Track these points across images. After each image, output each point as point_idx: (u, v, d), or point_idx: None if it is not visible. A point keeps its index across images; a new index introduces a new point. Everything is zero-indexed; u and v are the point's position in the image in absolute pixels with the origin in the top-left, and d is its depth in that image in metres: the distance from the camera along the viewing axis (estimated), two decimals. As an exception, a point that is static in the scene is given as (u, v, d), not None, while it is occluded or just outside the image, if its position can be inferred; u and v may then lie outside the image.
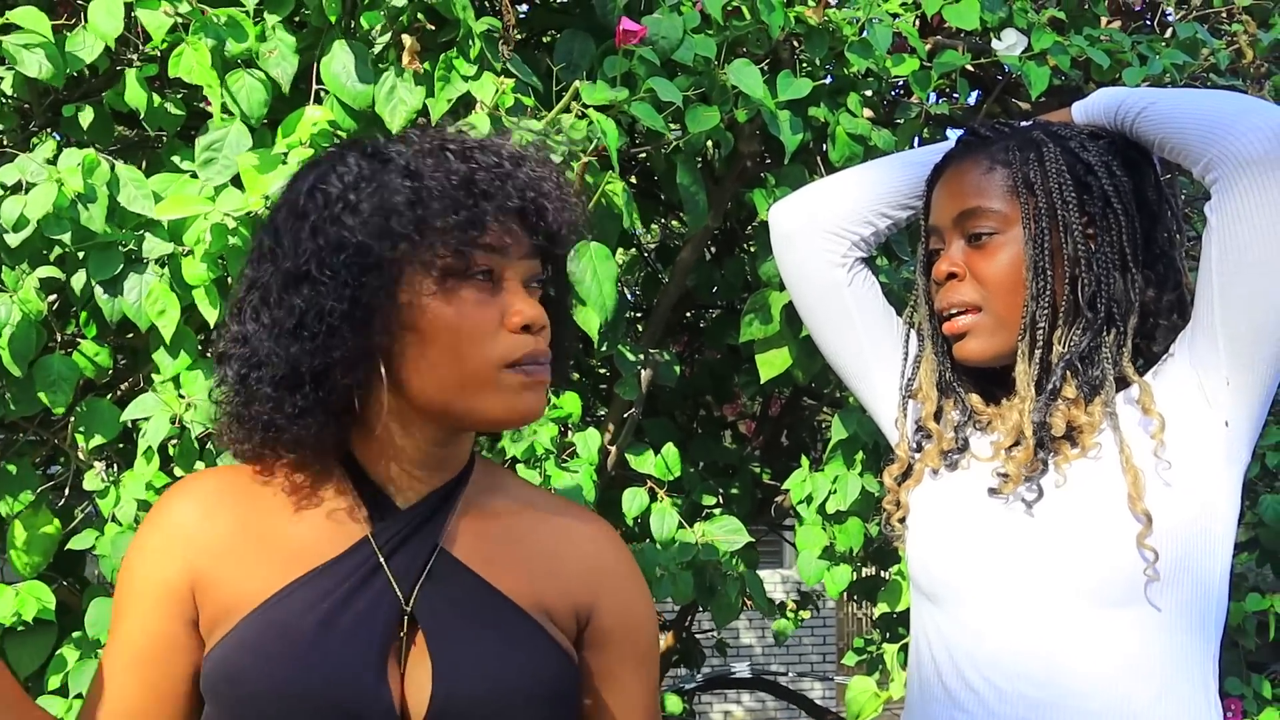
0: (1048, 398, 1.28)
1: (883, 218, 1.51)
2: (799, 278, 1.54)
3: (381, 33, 1.77)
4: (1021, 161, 1.32)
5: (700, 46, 1.83)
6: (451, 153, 1.04)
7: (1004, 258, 1.31)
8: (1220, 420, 1.23)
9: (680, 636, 3.10)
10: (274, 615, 1.01)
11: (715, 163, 2.23)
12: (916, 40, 2.04)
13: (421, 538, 1.06)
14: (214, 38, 1.68)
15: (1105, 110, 1.34)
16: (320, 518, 1.06)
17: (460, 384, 1.02)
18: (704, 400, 2.84)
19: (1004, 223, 1.32)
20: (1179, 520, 1.21)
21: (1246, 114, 1.21)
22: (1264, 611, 2.57)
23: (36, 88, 1.85)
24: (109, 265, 1.67)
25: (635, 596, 1.14)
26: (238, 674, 0.99)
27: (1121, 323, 1.29)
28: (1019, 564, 1.25)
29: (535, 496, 1.17)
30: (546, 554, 1.11)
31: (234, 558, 1.04)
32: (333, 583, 1.02)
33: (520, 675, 1.03)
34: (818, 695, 9.47)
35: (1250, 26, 2.29)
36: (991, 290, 1.31)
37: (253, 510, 1.06)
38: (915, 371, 1.44)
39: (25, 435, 1.89)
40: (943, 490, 1.35)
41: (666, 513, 2.00)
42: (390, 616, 1.01)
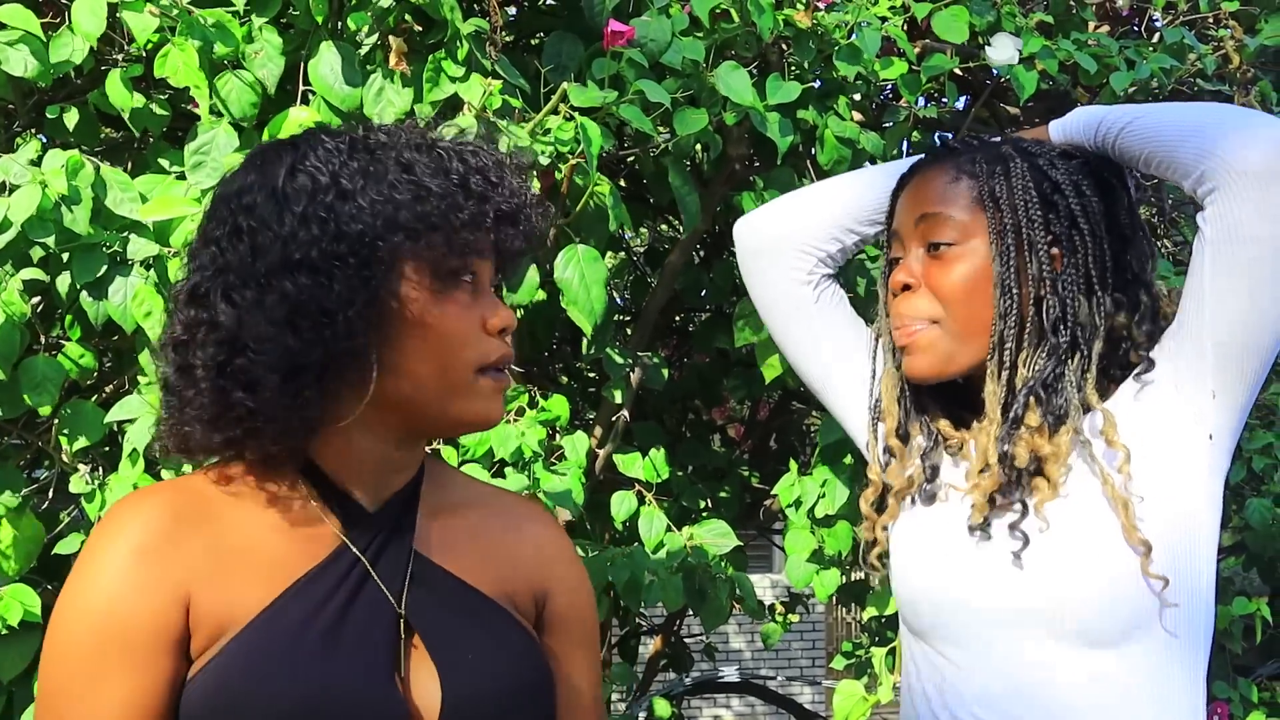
0: (1010, 426, 1.25)
1: (850, 234, 1.48)
2: (765, 295, 1.51)
3: (369, 34, 1.76)
4: (988, 174, 1.28)
5: (689, 49, 1.83)
6: (443, 151, 1.02)
7: (961, 270, 1.27)
8: (1204, 434, 1.21)
9: (669, 641, 3.09)
10: (270, 633, 0.96)
11: (703, 166, 2.23)
12: (905, 44, 2.04)
13: (396, 542, 1.04)
14: (200, 39, 1.67)
15: (1084, 128, 1.30)
16: (288, 524, 1.02)
17: (439, 386, 1.01)
18: (692, 404, 2.84)
19: (964, 234, 1.28)
20: (1166, 547, 1.19)
21: (1240, 124, 1.19)
22: (1250, 615, 2.58)
23: (21, 88, 1.84)
24: (93, 267, 1.66)
25: (581, 579, 1.17)
26: (241, 696, 0.94)
27: (1086, 348, 1.25)
28: (1010, 607, 1.22)
29: (479, 489, 1.18)
30: (503, 545, 1.11)
31: (215, 573, 0.98)
32: (324, 593, 0.99)
33: (514, 669, 1.04)
34: (807, 699, 9.46)
35: (1237, 32, 2.30)
36: (948, 303, 1.27)
37: (216, 521, 1.00)
38: (879, 388, 1.40)
39: (9, 438, 1.88)
40: (924, 524, 1.31)
41: (655, 516, 2.00)
42: (388, 623, 1.00)
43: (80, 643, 0.95)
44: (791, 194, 1.55)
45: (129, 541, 0.97)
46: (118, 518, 0.98)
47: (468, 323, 1.02)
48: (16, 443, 1.89)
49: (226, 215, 1.00)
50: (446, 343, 1.01)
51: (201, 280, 0.99)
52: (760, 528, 2.84)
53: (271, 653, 0.95)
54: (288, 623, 0.96)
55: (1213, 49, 2.29)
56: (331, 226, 0.97)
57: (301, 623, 0.97)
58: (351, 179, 0.98)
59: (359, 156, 1.00)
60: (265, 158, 1.02)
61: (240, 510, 1.01)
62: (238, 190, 1.01)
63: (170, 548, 0.97)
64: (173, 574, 0.96)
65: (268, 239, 0.97)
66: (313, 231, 0.97)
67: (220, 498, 1.02)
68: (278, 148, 1.03)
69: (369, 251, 0.97)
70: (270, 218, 0.98)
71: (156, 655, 0.95)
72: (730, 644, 9.13)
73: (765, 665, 9.57)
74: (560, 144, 1.73)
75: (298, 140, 1.03)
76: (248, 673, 0.94)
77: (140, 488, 1.08)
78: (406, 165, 1.00)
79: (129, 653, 0.94)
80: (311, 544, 1.01)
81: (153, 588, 0.95)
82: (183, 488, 1.02)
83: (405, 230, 0.98)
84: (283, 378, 0.96)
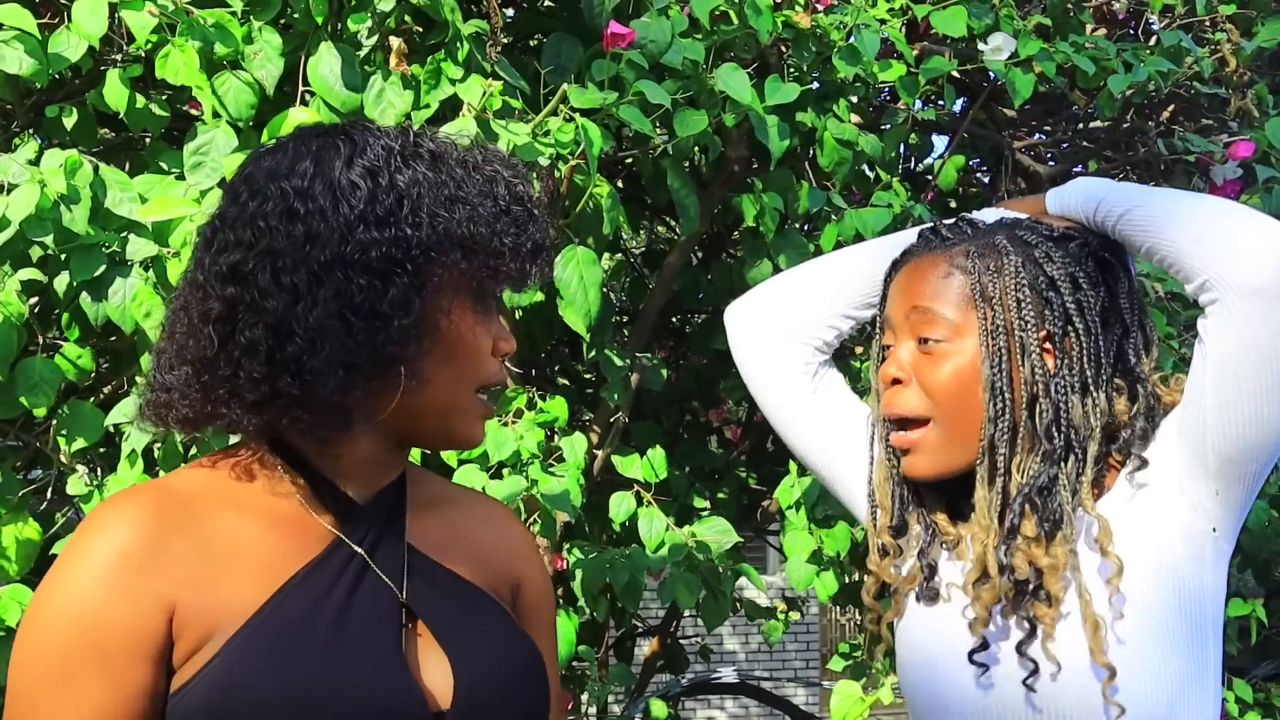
0: (1007, 535, 1.21)
1: (845, 320, 1.44)
2: (761, 386, 1.46)
3: (368, 35, 1.76)
4: (980, 270, 1.24)
5: (689, 50, 1.83)
6: (489, 174, 1.04)
7: (951, 367, 1.24)
8: (1209, 527, 1.19)
9: (665, 642, 3.09)
10: (272, 628, 0.94)
11: (702, 167, 2.23)
12: (904, 46, 2.05)
13: (389, 534, 1.04)
14: (200, 39, 1.67)
15: (1082, 206, 1.27)
16: (277, 522, 1.00)
17: (448, 400, 1.03)
18: (690, 405, 2.83)
19: (955, 332, 1.24)
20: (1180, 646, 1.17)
21: (1243, 236, 1.14)
22: (1246, 616, 2.58)
23: (19, 88, 1.83)
24: (92, 267, 1.66)
25: (543, 570, 1.21)
26: (249, 693, 0.91)
27: (1081, 450, 1.21)
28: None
29: (448, 488, 1.19)
30: (480, 539, 1.13)
31: (202, 575, 0.95)
32: (324, 585, 0.98)
33: (514, 652, 1.06)
34: (801, 701, 9.47)
35: (1234, 35, 2.30)
36: (938, 401, 1.24)
37: (203, 521, 0.97)
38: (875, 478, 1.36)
39: (6, 439, 1.87)
40: (928, 629, 1.28)
41: (654, 516, 2.00)
42: (393, 612, 1.00)
43: (55, 647, 0.91)
44: (781, 281, 1.49)
45: (112, 545, 0.93)
46: (101, 520, 0.95)
47: (485, 343, 1.05)
48: (13, 444, 1.88)
49: (275, 195, 0.97)
50: (467, 360, 1.03)
51: (245, 258, 0.96)
52: (757, 529, 2.84)
53: (277, 647, 0.93)
54: (290, 617, 0.95)
55: (1209, 52, 2.29)
56: (390, 232, 0.96)
57: (305, 616, 0.96)
58: (409, 187, 0.98)
59: (415, 165, 1.00)
60: (320, 144, 1.00)
61: (228, 510, 0.99)
62: (289, 171, 0.98)
63: (155, 553, 0.94)
64: (157, 581, 0.93)
65: (323, 229, 0.95)
66: (372, 233, 0.96)
67: (206, 497, 0.99)
68: (331, 135, 1.01)
69: (424, 262, 0.98)
70: (328, 208, 0.96)
71: (134, 664, 0.92)
72: (725, 645, 9.13)
73: (759, 666, 9.57)
74: (560, 145, 1.73)
75: (351, 132, 1.01)
76: (253, 669, 0.92)
77: (123, 489, 1.05)
78: (460, 182, 1.01)
79: (104, 660, 0.91)
80: (303, 540, 1.00)
81: (135, 594, 0.92)
82: (168, 488, 1.00)
83: (461, 248, 0.99)
84: (342, 372, 0.96)
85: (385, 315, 0.96)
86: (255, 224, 0.97)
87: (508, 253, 1.02)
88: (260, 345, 0.95)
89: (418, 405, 1.02)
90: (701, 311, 2.75)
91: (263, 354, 0.95)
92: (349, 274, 0.95)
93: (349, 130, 1.01)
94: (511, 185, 1.04)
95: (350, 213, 0.96)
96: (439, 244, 0.98)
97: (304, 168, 0.98)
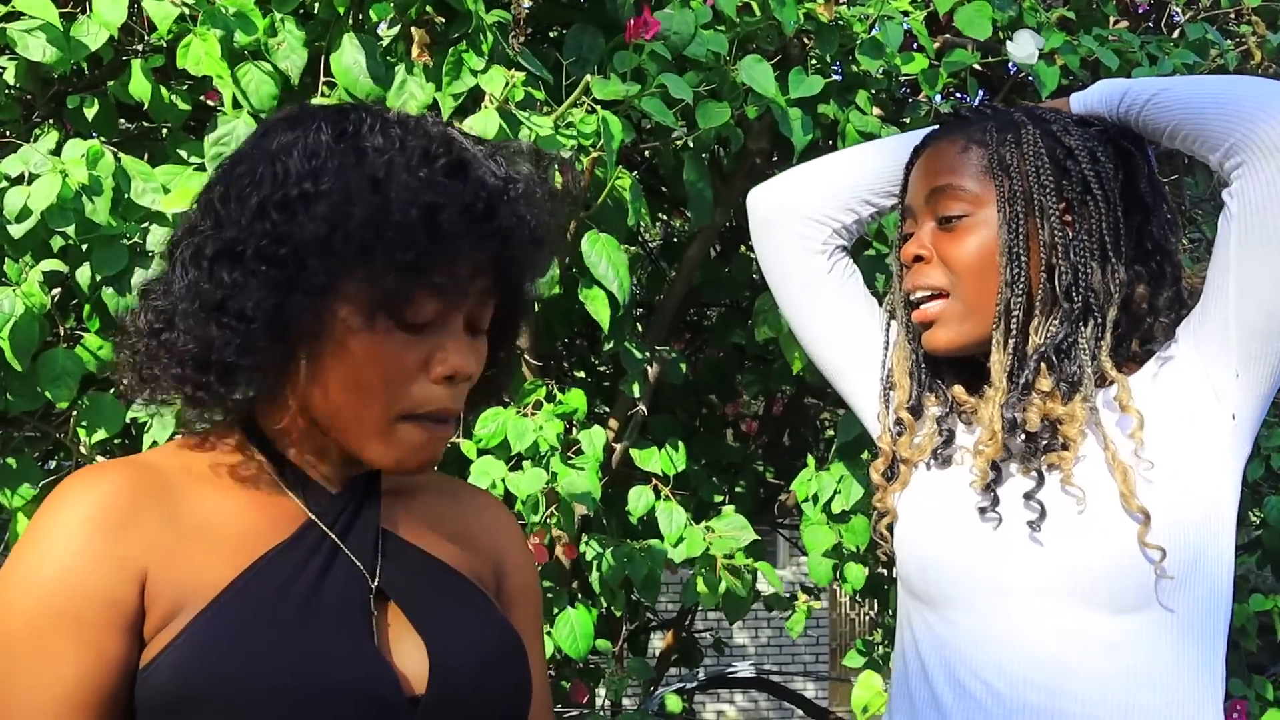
0: (1020, 391, 1.23)
1: (865, 205, 1.46)
2: (777, 264, 1.49)
3: (390, 25, 1.75)
4: (998, 142, 1.27)
5: (712, 42, 1.82)
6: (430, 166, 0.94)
7: (974, 241, 1.26)
8: (1228, 414, 1.20)
9: (679, 636, 3.09)
10: (242, 606, 0.92)
11: (723, 160, 2.22)
12: (926, 39, 2.03)
13: (362, 518, 1.02)
14: (222, 29, 1.67)
15: (1106, 99, 1.29)
16: (250, 502, 0.99)
17: (354, 422, 0.97)
18: (706, 399, 2.83)
19: (976, 204, 1.26)
20: (1186, 519, 1.18)
21: (1270, 97, 1.17)
22: (1266, 612, 2.57)
23: (40, 78, 1.83)
24: (114, 259, 1.66)
25: (529, 558, 1.18)
26: (215, 674, 0.89)
27: (1100, 315, 1.24)
28: (1023, 573, 1.21)
29: (430, 475, 1.16)
30: (461, 524, 1.11)
31: (173, 548, 0.93)
32: (293, 567, 0.96)
33: (491, 637, 1.03)
34: (810, 695, 9.47)
35: (1259, 28, 2.29)
36: (960, 274, 1.26)
37: (175, 497, 0.96)
38: (891, 360, 1.39)
39: (26, 430, 1.87)
40: (935, 489, 1.30)
41: (674, 510, 1.99)
42: (363, 595, 0.97)
43: (26, 615, 0.89)
44: (806, 164, 1.52)
45: (84, 512, 0.91)
46: (73, 489, 0.93)
47: (402, 365, 0.95)
48: (34, 435, 1.88)
49: (220, 176, 0.98)
50: (371, 383, 0.95)
51: (178, 239, 0.97)
52: (772, 523, 2.83)
53: (246, 626, 0.91)
54: (259, 596, 0.93)
55: (1234, 45, 2.28)
56: (278, 227, 0.92)
57: (274, 596, 0.94)
58: (319, 180, 0.92)
59: (341, 156, 0.93)
60: (273, 126, 0.98)
61: (201, 488, 0.98)
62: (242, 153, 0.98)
63: (128, 521, 0.92)
64: (129, 548, 0.91)
65: (227, 217, 0.94)
66: (261, 225, 0.92)
67: (180, 475, 0.98)
68: (285, 121, 0.98)
69: (300, 264, 0.92)
70: (237, 195, 0.94)
71: (108, 632, 0.90)
72: (735, 639, 9.13)
73: (769, 660, 9.57)
74: (583, 137, 1.72)
75: (306, 116, 0.97)
76: (221, 647, 0.90)
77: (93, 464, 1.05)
78: (378, 181, 0.92)
79: (79, 628, 0.89)
80: (276, 521, 0.98)
81: (106, 560, 0.90)
82: (141, 464, 0.98)
83: (343, 253, 0.91)
84: (194, 369, 0.94)
85: (252, 320, 0.92)
86: (196, 207, 0.98)
87: (419, 269, 0.92)
88: (148, 327, 0.96)
89: (324, 414, 0.97)
90: (718, 305, 2.74)
91: (148, 334, 0.96)
92: (231, 267, 0.93)
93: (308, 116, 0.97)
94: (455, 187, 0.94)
95: (253, 204, 0.93)
96: (320, 245, 0.91)
97: (248, 149, 0.97)
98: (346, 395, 0.95)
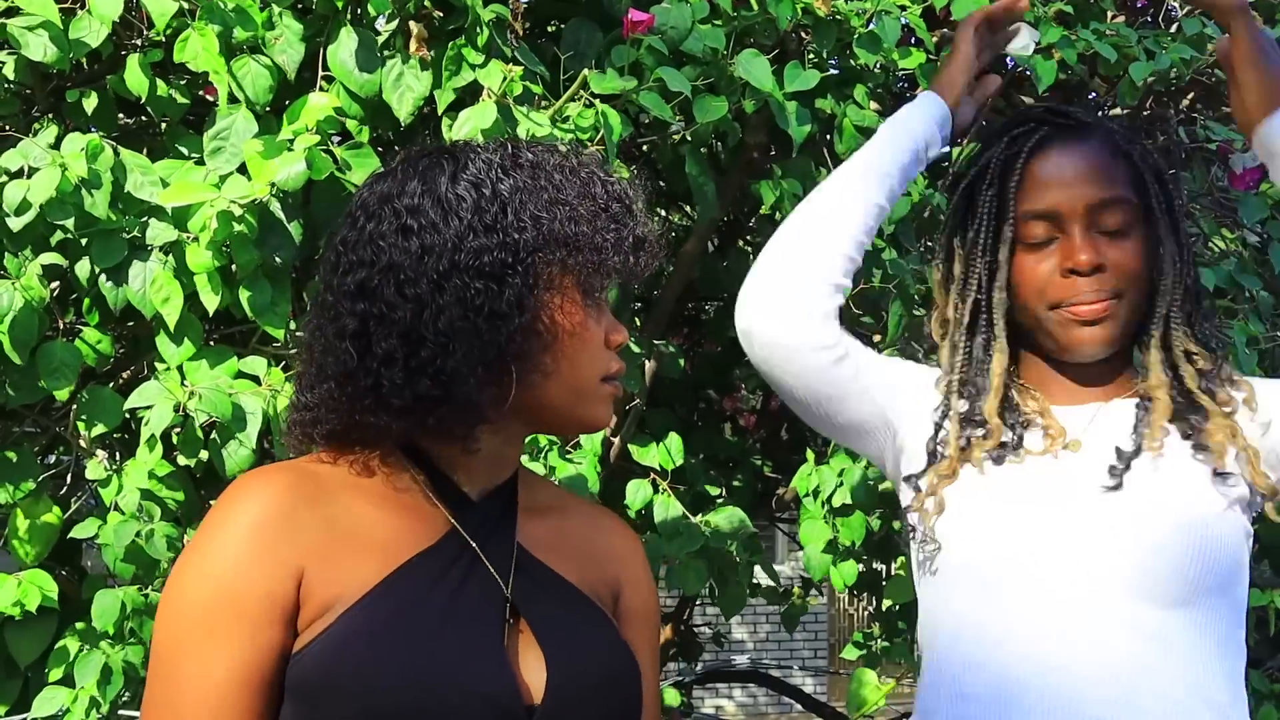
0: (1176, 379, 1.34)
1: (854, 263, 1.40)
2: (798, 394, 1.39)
3: (388, 20, 1.76)
4: (1141, 154, 1.36)
5: (709, 37, 1.82)
6: (586, 175, 1.09)
7: (1135, 249, 1.33)
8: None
9: (678, 629, 3.10)
10: (385, 606, 1.01)
11: (720, 154, 2.22)
12: (924, 33, 2.03)
13: (501, 531, 1.10)
14: (220, 23, 1.67)
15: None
16: (400, 507, 1.07)
17: (573, 391, 1.08)
18: (704, 393, 2.83)
19: (1136, 214, 1.34)
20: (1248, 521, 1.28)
21: None
22: (1263, 607, 2.57)
23: (39, 73, 1.83)
24: (113, 252, 1.66)
25: (649, 578, 1.24)
26: (355, 667, 0.98)
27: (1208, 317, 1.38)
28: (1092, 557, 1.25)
29: (557, 491, 1.25)
30: (586, 544, 1.18)
31: (328, 549, 1.03)
32: (435, 573, 1.04)
33: (610, 657, 1.10)
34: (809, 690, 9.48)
35: (1256, 20, 2.28)
36: (1130, 280, 1.33)
37: (331, 501, 1.05)
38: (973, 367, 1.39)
39: (26, 424, 1.87)
40: (999, 482, 1.32)
41: (670, 504, 2.00)
42: (498, 606, 1.05)
43: (197, 605, 1.00)
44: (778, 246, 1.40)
45: (250, 515, 1.02)
46: (241, 492, 1.04)
47: (598, 335, 1.10)
48: (33, 429, 1.89)
49: (389, 215, 1.05)
50: (585, 353, 1.08)
51: (370, 275, 1.04)
52: (771, 517, 2.84)
53: (388, 624, 1.00)
54: (402, 597, 1.01)
55: (1232, 39, 2.27)
56: (498, 237, 1.03)
57: (416, 598, 1.02)
58: (511, 194, 1.05)
59: (515, 174, 1.07)
60: (426, 164, 1.08)
61: (354, 493, 1.07)
62: (399, 192, 1.06)
63: (288, 524, 1.02)
64: (288, 549, 1.01)
65: (436, 241, 1.03)
66: (481, 240, 1.03)
67: (335, 480, 1.07)
68: (436, 155, 1.09)
69: (532, 263, 1.04)
70: (439, 221, 1.04)
71: (267, 625, 1.00)
72: (733, 634, 9.14)
73: (767, 655, 9.58)
74: (580, 131, 1.72)
75: (454, 151, 1.09)
76: (362, 642, 0.99)
77: (259, 468, 1.12)
78: (559, 185, 1.07)
79: (242, 619, 0.99)
80: (422, 527, 1.07)
81: (269, 560, 1.00)
82: (300, 469, 1.07)
83: (565, 246, 1.05)
84: (481, 369, 1.02)
85: (504, 314, 1.03)
86: (374, 244, 1.05)
87: (609, 248, 1.07)
88: (396, 354, 1.02)
89: (544, 397, 1.08)
90: (716, 299, 2.75)
91: (400, 361, 1.02)
92: (465, 279, 1.02)
93: (452, 150, 1.09)
94: (608, 185, 1.10)
95: (460, 223, 1.04)
96: (544, 244, 1.04)
97: (413, 187, 1.06)
98: (572, 369, 1.07)
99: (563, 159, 1.10)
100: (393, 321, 1.02)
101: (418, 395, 1.03)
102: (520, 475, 1.16)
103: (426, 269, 1.02)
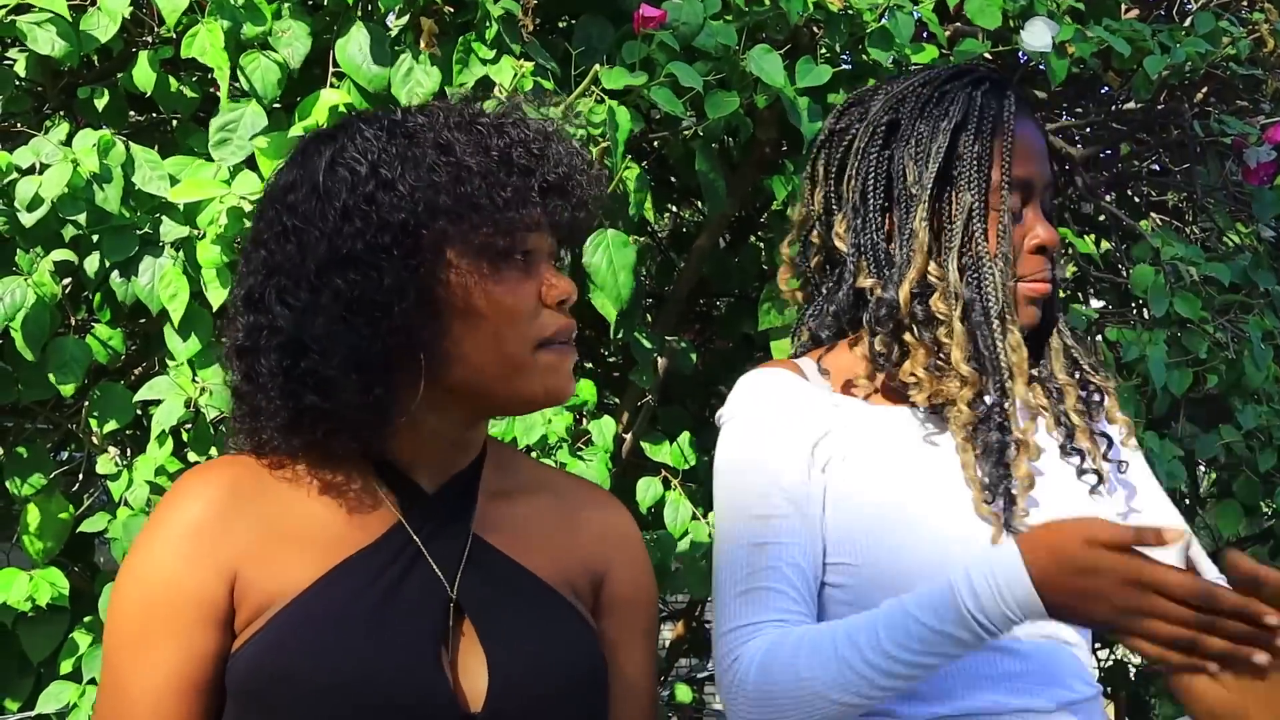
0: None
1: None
2: None
3: (399, 15, 1.75)
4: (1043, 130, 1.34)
5: (720, 33, 1.82)
6: (482, 127, 1.00)
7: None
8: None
9: (690, 626, 3.09)
10: (318, 606, 0.97)
11: (732, 150, 2.21)
12: (937, 28, 2.02)
13: (454, 524, 1.04)
14: (230, 19, 1.67)
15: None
16: (345, 503, 1.02)
17: (499, 368, 1.00)
18: (716, 390, 2.82)
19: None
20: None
21: None
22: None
23: (50, 70, 1.83)
24: (124, 248, 1.66)
25: (644, 566, 1.16)
26: (283, 669, 0.95)
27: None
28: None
29: (543, 473, 1.18)
30: (564, 527, 1.10)
31: (264, 551, 0.99)
32: (374, 571, 0.99)
33: (566, 658, 1.03)
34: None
35: (1272, 15, 2.27)
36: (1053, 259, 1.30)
37: (273, 500, 1.01)
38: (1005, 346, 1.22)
39: (38, 420, 1.88)
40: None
41: (680, 503, 1.99)
42: (438, 606, 0.99)
43: (133, 610, 1.00)
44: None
45: (185, 518, 1.00)
46: (178, 495, 1.02)
47: (522, 299, 1.00)
48: (45, 426, 1.89)
49: (274, 215, 1.01)
50: (500, 323, 0.99)
51: (255, 284, 1.00)
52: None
53: (317, 626, 0.96)
54: (334, 598, 0.97)
55: (1247, 32, 2.26)
56: (374, 218, 0.96)
57: (348, 599, 0.97)
58: (390, 166, 0.97)
59: (397, 141, 0.99)
60: (306, 152, 1.03)
61: (298, 489, 1.03)
62: (282, 189, 1.01)
63: (221, 526, 0.99)
64: (221, 551, 0.99)
65: (313, 237, 0.97)
66: (356, 224, 0.96)
67: (280, 476, 1.03)
68: (317, 140, 1.03)
69: (413, 240, 0.96)
70: (314, 215, 0.98)
71: (200, 627, 0.98)
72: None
73: (779, 652, 9.56)
74: (591, 127, 1.72)
75: (336, 131, 1.02)
76: (293, 645, 0.96)
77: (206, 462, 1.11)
78: (445, 146, 0.98)
79: (175, 623, 0.98)
80: (367, 523, 1.02)
81: (201, 564, 0.98)
82: (245, 465, 1.04)
83: (447, 214, 0.97)
84: (355, 376, 0.96)
85: (383, 305, 0.96)
86: (260, 249, 1.01)
87: (510, 202, 0.98)
88: (278, 368, 0.98)
89: (466, 380, 1.00)
90: (728, 295, 2.74)
91: (281, 375, 0.98)
92: (343, 273, 0.96)
93: (334, 130, 1.03)
94: (508, 132, 1.00)
95: (335, 212, 0.97)
96: (423, 217, 0.96)
97: (293, 179, 1.01)
98: (486, 347, 0.99)
99: (456, 114, 1.01)
100: (277, 330, 0.97)
101: (300, 409, 0.98)
102: (491, 457, 1.09)
103: (304, 270, 0.97)
